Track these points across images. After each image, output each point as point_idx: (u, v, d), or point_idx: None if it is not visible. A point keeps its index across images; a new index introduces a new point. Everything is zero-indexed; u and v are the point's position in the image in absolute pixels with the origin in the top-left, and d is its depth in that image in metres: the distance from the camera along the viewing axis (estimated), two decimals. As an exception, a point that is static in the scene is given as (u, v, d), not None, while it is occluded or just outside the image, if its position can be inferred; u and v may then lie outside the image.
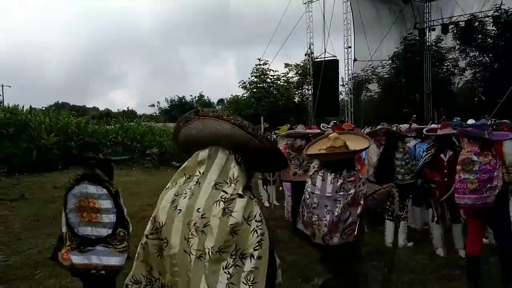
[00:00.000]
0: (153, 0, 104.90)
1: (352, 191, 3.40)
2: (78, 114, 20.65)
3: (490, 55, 19.23)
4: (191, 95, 49.06)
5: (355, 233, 3.39)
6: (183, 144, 1.85)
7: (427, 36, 21.01)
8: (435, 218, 5.43)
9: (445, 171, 5.15)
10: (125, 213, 3.29)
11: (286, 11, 19.99)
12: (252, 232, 1.59)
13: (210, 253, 1.54)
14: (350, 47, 18.34)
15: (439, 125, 6.18)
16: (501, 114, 11.60)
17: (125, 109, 48.90)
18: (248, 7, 75.12)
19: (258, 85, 23.36)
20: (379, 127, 7.13)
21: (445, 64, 21.60)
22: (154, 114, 44.25)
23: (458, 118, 9.52)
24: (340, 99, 21.67)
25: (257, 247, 1.57)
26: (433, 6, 20.67)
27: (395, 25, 19.67)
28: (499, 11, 18.05)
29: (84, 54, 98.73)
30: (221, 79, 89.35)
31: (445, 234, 5.52)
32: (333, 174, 3.49)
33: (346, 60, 18.60)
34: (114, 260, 3.12)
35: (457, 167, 4.36)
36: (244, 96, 24.46)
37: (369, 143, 3.80)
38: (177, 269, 1.60)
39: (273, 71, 23.74)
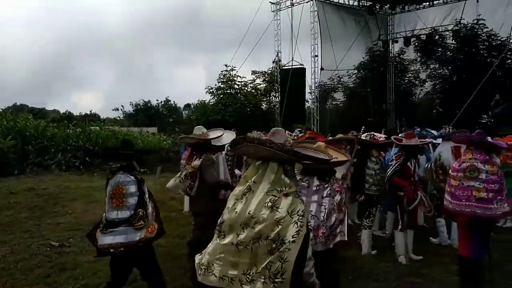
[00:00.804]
0: (123, 1, 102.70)
1: (338, 197, 3.55)
2: (38, 117, 19.88)
3: (450, 67, 19.97)
4: (157, 100, 48.21)
5: (338, 238, 3.52)
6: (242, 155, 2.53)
7: (391, 48, 21.66)
8: (400, 227, 5.51)
9: (412, 179, 5.26)
10: (146, 197, 3.81)
11: (254, 18, 20.15)
12: (293, 223, 2.07)
13: (259, 242, 2.06)
14: (316, 56, 18.61)
15: (402, 135, 6.33)
16: (460, 125, 12.04)
17: (88, 112, 47.46)
18: (219, 12, 75.09)
19: (226, 91, 23.28)
20: (338, 136, 7.23)
21: (407, 76, 22.30)
22: (118, 118, 43.29)
23: (418, 129, 9.78)
24: (306, 106, 21.91)
25: (295, 235, 2.04)
26: (396, 19, 21.37)
27: (361, 36, 20.16)
28: (459, 26, 18.80)
29: (47, 54, 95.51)
30: (189, 83, 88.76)
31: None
32: (318, 181, 3.63)
33: (312, 68, 18.88)
34: (132, 236, 3.62)
35: (456, 174, 4.26)
36: (212, 102, 24.32)
37: (348, 158, 4.02)
38: (223, 256, 2.15)
39: (240, 77, 23.77)
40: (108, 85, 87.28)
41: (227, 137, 5.52)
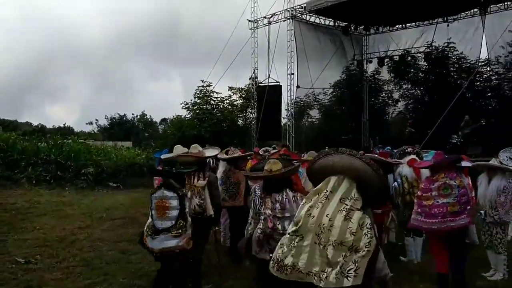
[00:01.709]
0: (101, 12, 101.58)
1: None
2: (9, 129, 19.39)
3: (421, 88, 20.54)
4: (133, 114, 47.78)
5: None
6: (316, 171, 2.68)
7: (365, 68, 22.17)
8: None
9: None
10: (186, 210, 4.37)
11: (233, 35, 20.30)
12: (364, 235, 2.35)
13: (333, 244, 2.36)
14: (293, 73, 18.87)
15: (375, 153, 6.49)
16: (430, 144, 12.39)
17: (62, 125, 46.54)
18: (197, 27, 75.45)
19: (202, 106, 23.26)
20: (310, 152, 7.40)
21: (381, 95, 22.80)
22: (93, 132, 42.62)
23: (389, 148, 10.00)
24: (282, 123, 22.09)
25: (368, 246, 2.32)
26: (370, 40, 21.93)
27: (336, 55, 20.57)
28: (430, 48, 19.43)
29: (20, 65, 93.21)
30: (166, 98, 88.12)
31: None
32: (277, 195, 3.87)
33: (288, 86, 19.10)
34: (170, 243, 4.22)
35: (429, 193, 4.49)
36: (188, 117, 24.23)
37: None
38: (306, 254, 2.43)
39: (216, 93, 23.84)
40: (83, 98, 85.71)
41: (210, 152, 5.72)
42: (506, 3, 16.94)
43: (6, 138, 14.80)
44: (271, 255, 3.76)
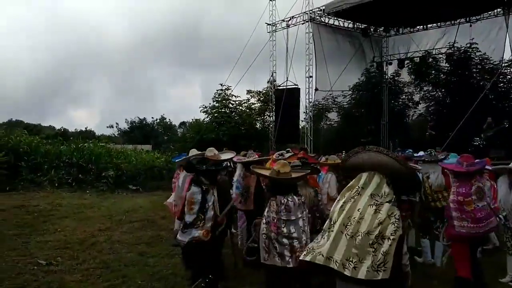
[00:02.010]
0: (120, 18, 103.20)
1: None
2: (33, 133, 19.80)
3: (443, 90, 20.17)
4: (152, 117, 48.37)
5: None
6: (349, 168, 2.92)
7: (385, 70, 21.90)
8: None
9: None
10: (208, 204, 4.65)
11: (251, 38, 20.34)
12: (391, 224, 2.56)
13: (362, 234, 2.54)
14: (311, 76, 18.76)
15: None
16: (452, 147, 12.13)
17: (83, 129, 47.47)
18: (216, 31, 75.88)
19: (220, 110, 23.36)
20: (331, 156, 7.28)
21: (401, 97, 22.46)
22: (113, 135, 43.29)
23: (410, 150, 9.82)
24: (300, 126, 22.00)
25: (393, 233, 2.53)
26: (390, 42, 21.65)
27: (355, 57, 20.36)
28: (452, 49, 19.08)
29: (44, 70, 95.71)
30: (185, 101, 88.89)
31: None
32: (297, 197, 3.93)
33: (307, 89, 19.00)
34: (193, 233, 4.54)
35: (470, 198, 4.50)
36: (206, 121, 24.37)
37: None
38: (330, 241, 2.62)
39: (235, 96, 23.91)
40: (104, 102, 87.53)
41: (226, 155, 5.74)
42: (530, 2, 16.53)
43: (29, 141, 15.13)
44: (280, 259, 3.75)
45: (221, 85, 23.37)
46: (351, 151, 2.88)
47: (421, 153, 8.77)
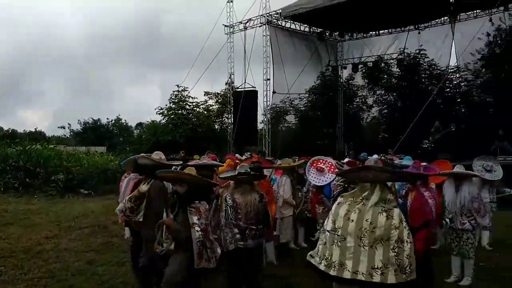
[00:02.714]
0: (76, 14, 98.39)
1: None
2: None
3: (394, 94, 20.86)
4: (107, 118, 46.92)
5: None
6: (351, 178, 3.50)
7: (340, 74, 22.40)
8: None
9: None
10: None
11: (209, 39, 20.20)
12: (405, 228, 2.89)
13: (381, 241, 2.79)
14: (268, 79, 18.91)
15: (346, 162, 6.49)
16: (403, 150, 12.58)
17: (33, 130, 45.33)
18: (177, 31, 74.61)
19: (177, 111, 23.03)
20: (285, 160, 7.45)
21: (356, 101, 23.05)
22: (64, 137, 41.67)
23: (365, 154, 10.08)
24: (258, 128, 22.09)
25: (409, 236, 2.87)
26: (345, 46, 22.21)
27: (311, 61, 20.68)
28: (403, 55, 19.80)
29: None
30: (144, 102, 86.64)
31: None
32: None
33: (265, 91, 19.12)
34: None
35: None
36: (163, 122, 23.95)
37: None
38: (351, 255, 2.83)
39: (192, 98, 23.67)
40: (58, 102, 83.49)
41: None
42: (475, 11, 17.46)
43: (-28, 144, 14.31)
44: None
45: (178, 86, 23.09)
46: (353, 169, 3.37)
47: (375, 156, 9.01)
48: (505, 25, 16.73)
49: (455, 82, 19.44)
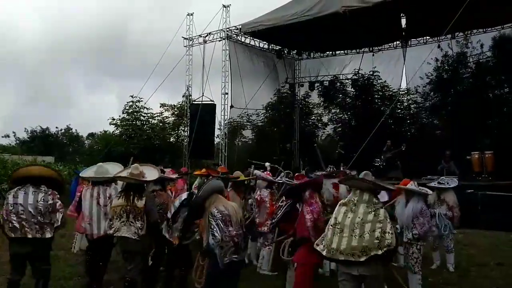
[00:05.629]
0: (32, 16, 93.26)
1: None
2: None
3: (349, 113, 21.52)
4: (56, 127, 44.94)
5: None
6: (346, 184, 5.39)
7: (297, 91, 22.82)
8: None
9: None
10: None
11: (168, 50, 19.96)
12: (388, 223, 3.97)
13: (369, 232, 3.90)
14: (227, 93, 18.90)
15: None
16: (357, 167, 12.92)
17: (-24, 137, 42.57)
18: (137, 41, 72.51)
19: (131, 122, 22.51)
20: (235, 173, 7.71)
21: (311, 118, 23.53)
22: (10, 146, 39.47)
23: (331, 166, 10.33)
24: (215, 142, 21.97)
25: (391, 229, 3.96)
26: (303, 64, 22.68)
27: (269, 77, 20.89)
28: (357, 75, 20.51)
29: None
30: (99, 111, 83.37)
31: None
32: None
33: (222, 105, 19.08)
34: None
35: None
36: (116, 133, 23.30)
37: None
38: (346, 243, 3.94)
39: (147, 109, 23.24)
40: (5, 109, 78.83)
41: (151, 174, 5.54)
42: (424, 38, 18.46)
43: None
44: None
45: (132, 96, 22.62)
46: (352, 178, 5.12)
47: (365, 171, 9.16)
48: (452, 51, 17.80)
49: (405, 104, 20.34)
